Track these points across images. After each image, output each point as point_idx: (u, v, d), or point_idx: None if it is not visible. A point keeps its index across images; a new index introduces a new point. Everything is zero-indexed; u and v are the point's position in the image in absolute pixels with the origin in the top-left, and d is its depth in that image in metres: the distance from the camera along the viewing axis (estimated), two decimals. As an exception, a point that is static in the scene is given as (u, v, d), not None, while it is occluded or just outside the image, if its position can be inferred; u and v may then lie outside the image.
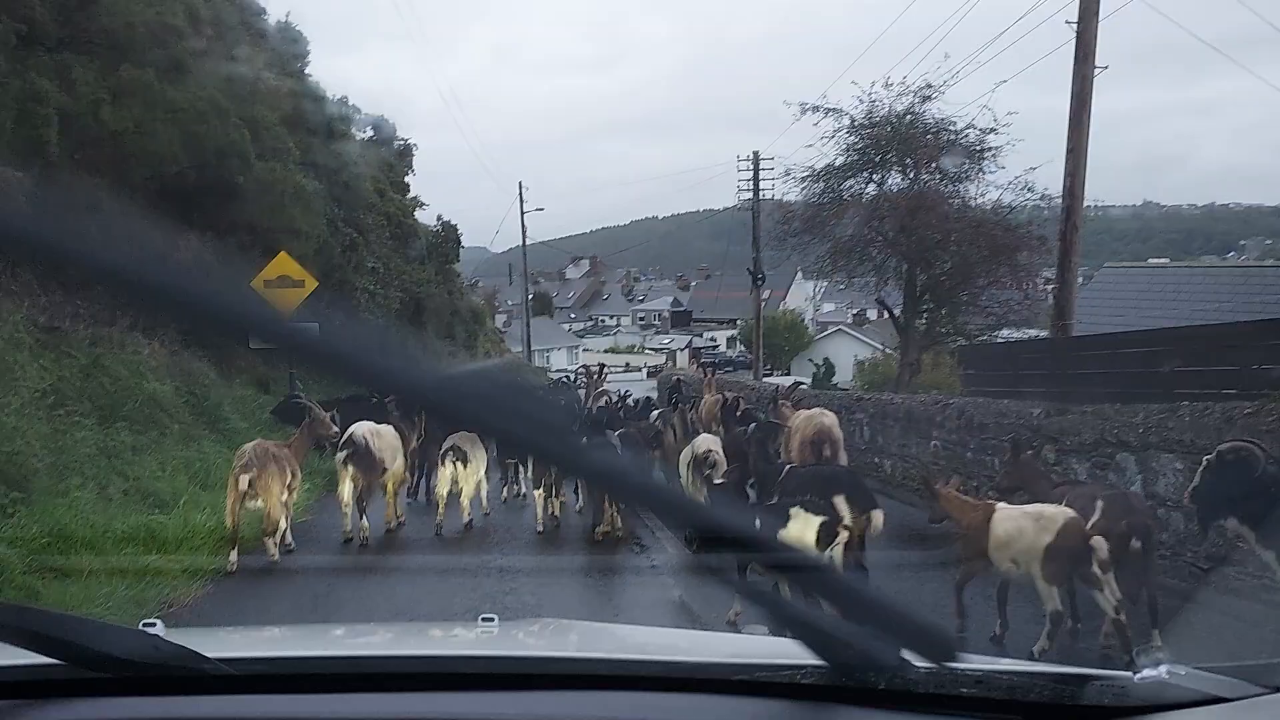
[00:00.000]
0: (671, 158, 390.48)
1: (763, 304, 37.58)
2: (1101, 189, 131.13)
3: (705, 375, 15.99)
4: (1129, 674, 1.49)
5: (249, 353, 15.89)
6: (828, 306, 77.57)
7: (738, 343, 62.70)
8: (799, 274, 73.21)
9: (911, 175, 21.60)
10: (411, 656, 1.93)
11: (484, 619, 2.17)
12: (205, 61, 16.57)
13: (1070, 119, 13.95)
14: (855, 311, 68.65)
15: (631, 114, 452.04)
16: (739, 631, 5.76)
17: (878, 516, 7.22)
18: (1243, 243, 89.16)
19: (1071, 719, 1.47)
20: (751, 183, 33.45)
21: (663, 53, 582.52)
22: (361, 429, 9.48)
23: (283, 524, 8.47)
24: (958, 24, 31.77)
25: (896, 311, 23.13)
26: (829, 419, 10.28)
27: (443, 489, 9.73)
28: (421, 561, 9.01)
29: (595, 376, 15.99)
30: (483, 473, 10.25)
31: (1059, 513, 5.99)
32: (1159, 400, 8.98)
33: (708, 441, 9.28)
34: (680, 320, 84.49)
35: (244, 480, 8.03)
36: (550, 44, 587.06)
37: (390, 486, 9.96)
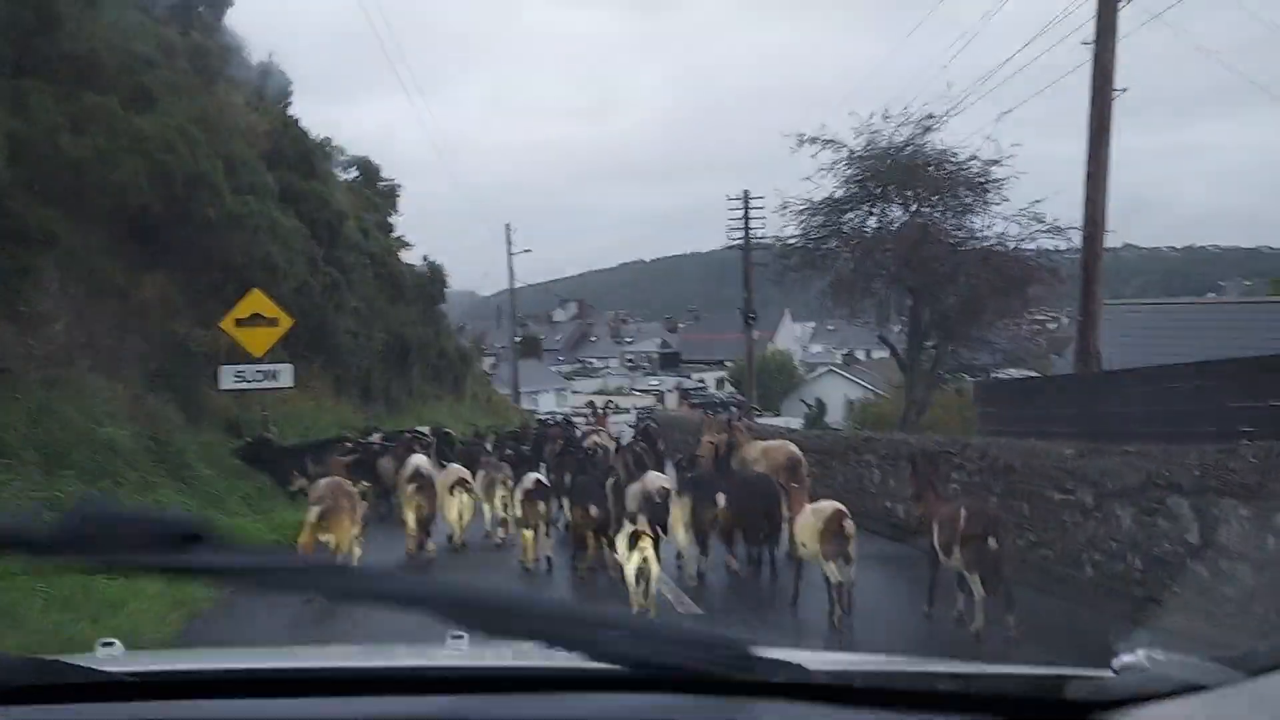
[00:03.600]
0: (659, 200, 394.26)
1: (752, 344, 36.92)
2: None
3: (706, 416, 15.19)
4: (1109, 671, 1.46)
5: (219, 395, 15.03)
6: (815, 348, 77.64)
7: (727, 384, 62.09)
8: (787, 315, 73.33)
9: (913, 208, 21.07)
10: (368, 667, 1.97)
11: (453, 636, 1.99)
12: (177, 92, 15.94)
13: (1090, 143, 13.32)
14: (844, 352, 68.59)
15: (620, 158, 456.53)
16: None
17: (720, 499, 9.02)
18: (1222, 284, 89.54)
19: (1053, 717, 1.45)
20: (741, 222, 32.85)
21: (653, 99, 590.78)
22: (420, 463, 11.03)
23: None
24: (952, 59, 31.74)
25: (900, 348, 22.47)
26: (793, 447, 12.02)
27: (452, 515, 10.66)
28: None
29: (599, 413, 15.77)
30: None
31: (829, 506, 7.82)
32: (1209, 439, 8.22)
33: (659, 480, 9.47)
34: (669, 361, 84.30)
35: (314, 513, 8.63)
36: (541, 91, 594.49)
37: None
